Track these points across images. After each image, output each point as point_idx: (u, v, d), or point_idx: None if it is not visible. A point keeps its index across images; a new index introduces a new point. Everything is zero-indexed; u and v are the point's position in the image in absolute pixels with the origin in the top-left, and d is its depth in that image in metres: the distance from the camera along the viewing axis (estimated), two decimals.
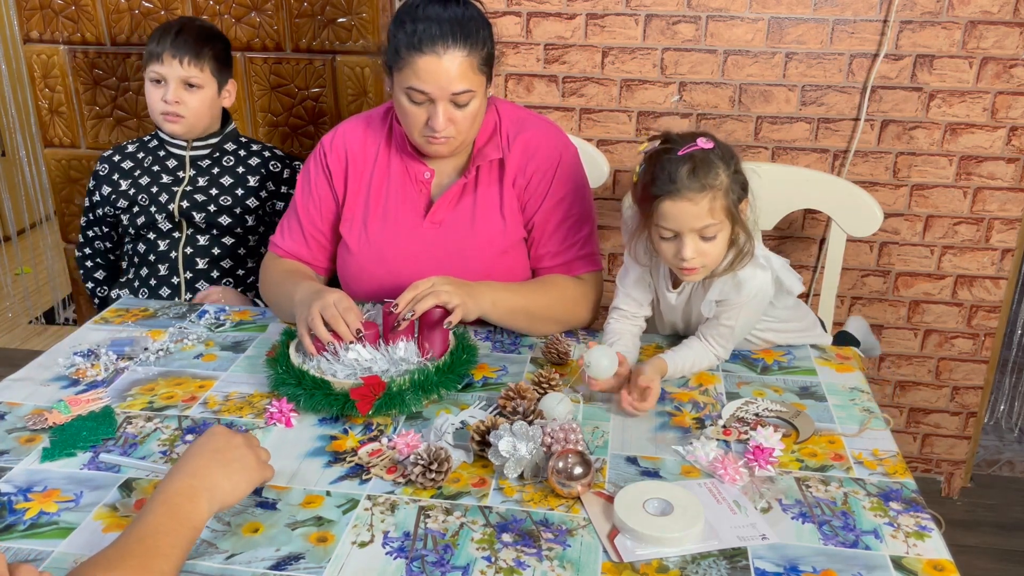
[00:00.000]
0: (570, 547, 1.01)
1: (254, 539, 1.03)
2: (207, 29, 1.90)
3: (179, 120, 1.86)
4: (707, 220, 1.28)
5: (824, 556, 1.00)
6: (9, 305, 3.61)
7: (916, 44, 2.06)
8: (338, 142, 1.63)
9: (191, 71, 1.83)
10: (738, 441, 1.22)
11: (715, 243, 1.31)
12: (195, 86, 1.85)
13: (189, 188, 1.90)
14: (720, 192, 1.28)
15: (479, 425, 1.17)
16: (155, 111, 1.87)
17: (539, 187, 1.57)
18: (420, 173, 1.59)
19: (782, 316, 1.49)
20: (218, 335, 1.55)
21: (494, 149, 1.57)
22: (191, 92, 1.85)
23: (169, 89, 1.83)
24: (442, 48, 1.40)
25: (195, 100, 1.86)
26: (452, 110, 1.45)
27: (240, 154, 1.97)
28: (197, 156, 1.93)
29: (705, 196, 1.27)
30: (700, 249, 1.30)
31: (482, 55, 1.45)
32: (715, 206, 1.28)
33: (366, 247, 1.60)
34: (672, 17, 2.11)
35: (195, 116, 1.87)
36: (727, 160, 1.30)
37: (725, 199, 1.29)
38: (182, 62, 1.82)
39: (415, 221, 1.59)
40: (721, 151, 1.31)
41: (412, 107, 1.46)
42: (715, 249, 1.32)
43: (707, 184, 1.27)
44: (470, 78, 1.43)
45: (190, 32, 1.84)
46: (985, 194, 2.17)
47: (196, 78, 1.84)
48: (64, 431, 1.23)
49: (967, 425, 2.39)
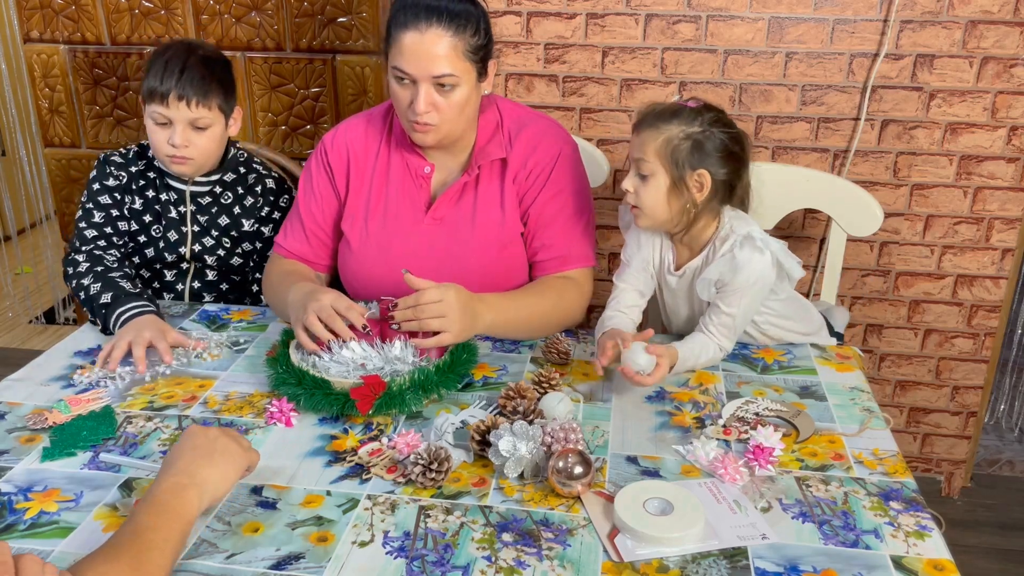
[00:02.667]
0: (570, 547, 1.01)
1: (254, 539, 1.03)
2: (210, 59, 1.72)
3: (187, 162, 1.71)
4: (638, 153, 1.41)
5: (824, 556, 1.00)
6: (9, 305, 3.61)
7: (916, 44, 2.06)
8: (339, 140, 1.63)
9: (199, 112, 1.67)
10: (738, 441, 1.22)
11: (647, 185, 1.41)
12: (203, 127, 1.69)
13: (197, 229, 1.79)
14: (660, 135, 1.39)
15: (479, 425, 1.17)
16: (160, 152, 1.71)
17: (537, 179, 1.58)
18: (420, 168, 1.59)
19: (782, 311, 1.49)
20: (218, 335, 1.55)
21: (497, 148, 1.57)
22: (199, 133, 1.70)
23: (176, 132, 1.67)
24: (425, 24, 1.41)
25: (204, 140, 1.71)
26: (435, 95, 1.45)
27: (245, 183, 1.83)
28: (198, 192, 1.79)
29: (645, 132, 1.40)
30: (635, 184, 1.43)
31: (470, 43, 1.44)
32: (648, 143, 1.40)
33: (367, 243, 1.60)
34: (672, 17, 2.11)
35: (204, 156, 1.73)
36: (692, 120, 1.39)
37: (663, 144, 1.39)
38: (189, 104, 1.66)
39: (416, 217, 1.59)
40: (697, 114, 1.39)
41: (398, 89, 1.47)
42: (646, 191, 1.41)
43: (654, 125, 1.40)
44: (454, 63, 1.43)
45: (195, 68, 1.67)
46: (985, 194, 2.16)
47: (204, 118, 1.68)
48: (64, 431, 1.23)
49: (967, 425, 2.39)
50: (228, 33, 2.24)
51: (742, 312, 1.40)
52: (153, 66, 1.68)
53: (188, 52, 1.69)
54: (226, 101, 1.73)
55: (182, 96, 1.65)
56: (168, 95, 1.64)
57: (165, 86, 1.64)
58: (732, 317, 1.39)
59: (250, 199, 1.82)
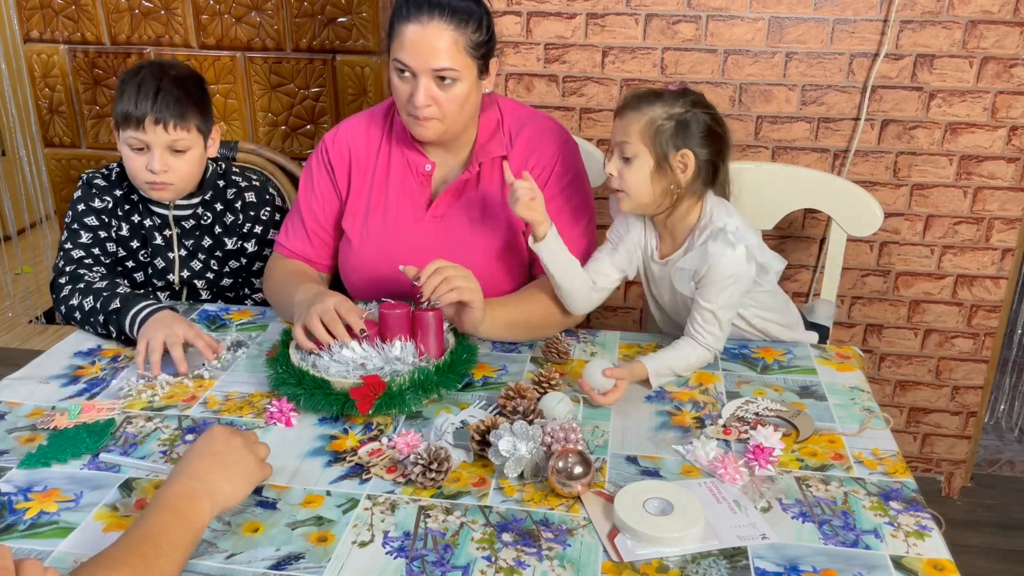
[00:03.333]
0: (570, 547, 1.01)
1: (254, 539, 1.03)
2: (184, 78, 1.64)
3: (167, 187, 1.64)
4: (621, 136, 1.42)
5: (824, 556, 1.00)
6: (9, 305, 3.61)
7: (916, 44, 2.06)
8: (340, 138, 1.64)
9: (178, 134, 1.60)
10: (738, 440, 1.22)
11: (630, 167, 1.41)
12: (182, 150, 1.62)
13: (184, 254, 1.74)
14: (642, 117, 1.39)
15: (479, 425, 1.18)
16: (138, 179, 1.63)
17: (538, 179, 1.58)
18: (421, 165, 1.59)
19: (767, 303, 1.50)
20: (219, 335, 1.55)
21: (498, 146, 1.58)
22: (178, 156, 1.62)
23: (155, 157, 1.60)
24: (427, 18, 1.41)
25: (183, 164, 1.63)
26: (435, 89, 1.45)
27: (224, 198, 1.77)
28: (181, 216, 1.73)
29: (628, 115, 1.41)
30: (619, 167, 1.43)
31: (472, 38, 1.45)
32: (631, 125, 1.40)
33: (368, 240, 1.60)
34: (672, 17, 2.11)
35: (184, 180, 1.65)
36: (674, 102, 1.40)
37: (645, 126, 1.39)
38: (167, 127, 1.58)
39: (417, 214, 1.59)
40: (678, 95, 1.41)
41: (399, 82, 1.47)
42: (630, 173, 1.41)
43: (636, 107, 1.41)
44: (455, 57, 1.43)
45: (170, 89, 1.59)
46: (985, 194, 2.16)
47: (183, 140, 1.61)
48: (60, 437, 1.22)
49: (967, 425, 2.39)
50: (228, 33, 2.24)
51: (721, 306, 1.39)
52: (125, 90, 1.60)
53: (161, 73, 1.62)
54: (204, 121, 1.66)
55: (159, 119, 1.58)
56: (144, 119, 1.57)
57: (140, 110, 1.57)
58: (712, 312, 1.39)
59: (230, 217, 1.77)
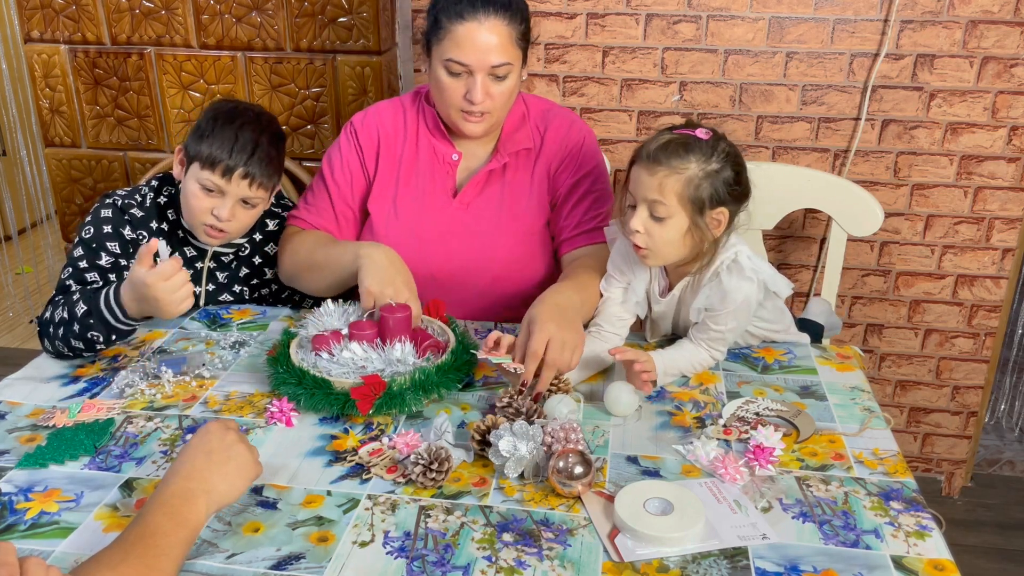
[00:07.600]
0: (570, 547, 1.01)
1: (255, 539, 1.03)
2: (279, 137, 1.62)
3: (222, 236, 1.58)
4: (654, 195, 1.30)
5: (825, 556, 1.00)
6: (9, 305, 3.61)
7: (917, 44, 2.06)
8: (370, 120, 1.64)
9: (258, 193, 1.56)
10: (738, 440, 1.22)
11: (663, 227, 1.32)
12: (253, 205, 1.58)
13: (211, 288, 1.68)
14: (680, 177, 1.29)
15: (479, 425, 1.18)
16: (198, 219, 1.56)
17: (568, 165, 1.60)
18: (448, 155, 1.60)
19: (766, 316, 1.50)
20: (219, 334, 1.55)
21: (525, 138, 1.60)
22: (246, 209, 1.58)
23: (226, 207, 1.54)
24: (483, 15, 1.41)
25: (248, 217, 1.59)
26: (490, 84, 1.46)
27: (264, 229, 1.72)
28: (221, 252, 1.68)
29: (660, 171, 1.29)
30: (647, 225, 1.32)
31: (520, 29, 1.46)
32: (667, 185, 1.29)
33: (395, 225, 1.61)
34: (672, 17, 2.11)
35: (241, 230, 1.61)
36: (708, 155, 1.30)
37: (683, 186, 1.29)
38: (252, 184, 1.54)
39: (443, 201, 1.61)
40: (711, 147, 1.31)
41: (450, 80, 1.47)
42: (662, 232, 1.32)
43: (669, 164, 1.29)
44: (509, 51, 1.44)
45: (266, 148, 1.55)
46: (986, 193, 2.16)
47: (258, 198, 1.57)
48: (59, 437, 1.22)
49: (967, 425, 2.39)
50: (228, 33, 2.24)
51: (731, 329, 1.39)
52: (219, 132, 1.53)
53: (260, 127, 1.57)
54: (279, 180, 1.64)
55: (248, 175, 1.53)
56: (234, 171, 1.52)
57: (234, 160, 1.52)
58: (721, 334, 1.39)
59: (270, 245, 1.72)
